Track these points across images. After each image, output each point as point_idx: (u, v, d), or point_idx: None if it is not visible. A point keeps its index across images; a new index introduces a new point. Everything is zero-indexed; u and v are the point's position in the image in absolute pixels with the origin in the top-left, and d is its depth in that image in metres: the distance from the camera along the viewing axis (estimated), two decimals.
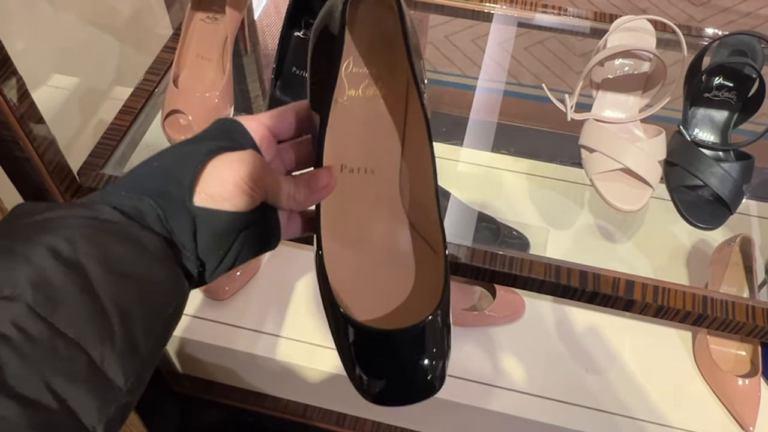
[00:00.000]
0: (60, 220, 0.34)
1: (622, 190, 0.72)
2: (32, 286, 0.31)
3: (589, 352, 0.99)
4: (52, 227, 0.34)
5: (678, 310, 0.65)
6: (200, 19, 0.80)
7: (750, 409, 0.90)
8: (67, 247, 0.33)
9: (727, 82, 0.76)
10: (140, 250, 0.35)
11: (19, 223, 0.35)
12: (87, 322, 0.31)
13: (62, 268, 0.32)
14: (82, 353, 0.31)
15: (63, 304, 0.31)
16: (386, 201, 0.46)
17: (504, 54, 1.17)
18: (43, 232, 0.33)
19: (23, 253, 0.32)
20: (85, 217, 0.35)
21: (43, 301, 0.30)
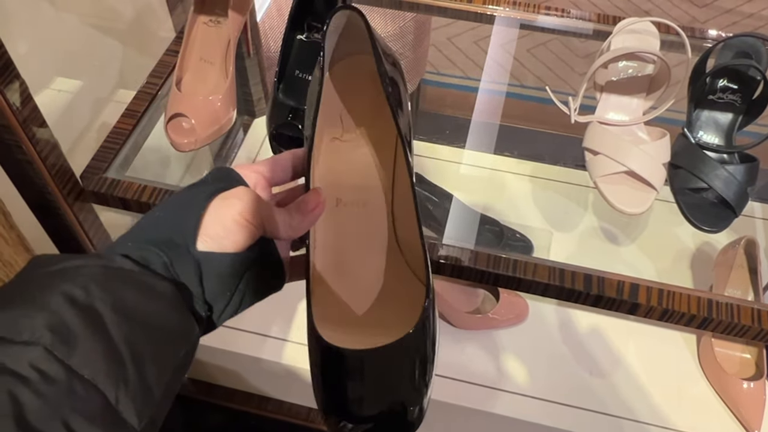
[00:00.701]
0: (75, 270, 0.36)
1: (626, 193, 0.72)
2: (50, 330, 0.32)
3: (593, 355, 0.99)
4: (67, 276, 0.35)
5: (683, 314, 0.65)
6: (203, 22, 0.80)
7: (755, 412, 0.89)
8: (81, 293, 0.34)
9: (732, 85, 0.76)
10: (152, 295, 0.37)
11: (37, 272, 0.36)
12: (102, 364, 0.32)
13: (78, 313, 0.33)
14: (98, 394, 0.32)
15: (79, 346, 0.32)
16: (378, 234, 0.48)
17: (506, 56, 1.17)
18: (59, 281, 0.35)
19: (41, 301, 0.33)
20: (98, 265, 0.37)
21: (60, 344, 0.32)
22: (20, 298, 0.34)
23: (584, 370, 0.98)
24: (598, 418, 0.94)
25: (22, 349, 0.31)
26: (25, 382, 0.30)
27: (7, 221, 0.59)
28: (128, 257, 0.38)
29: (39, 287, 0.34)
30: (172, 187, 0.71)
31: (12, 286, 0.36)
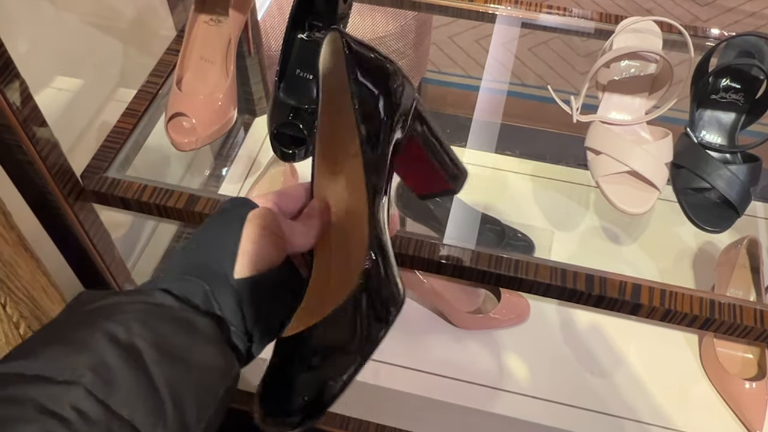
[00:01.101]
0: (116, 306, 0.37)
1: (628, 193, 0.71)
2: (90, 370, 0.32)
3: (594, 355, 0.99)
4: (108, 313, 0.36)
5: (685, 314, 0.64)
6: (204, 21, 0.80)
7: (757, 413, 0.89)
8: (123, 331, 0.35)
9: (735, 84, 0.75)
10: (192, 331, 0.37)
11: (80, 310, 0.37)
12: (141, 404, 0.33)
13: (119, 353, 0.34)
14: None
15: (119, 386, 0.33)
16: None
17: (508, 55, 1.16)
18: (101, 319, 0.35)
19: (82, 339, 0.34)
20: (139, 302, 0.37)
21: (100, 384, 0.32)
22: (63, 336, 0.34)
23: (586, 370, 0.97)
24: (599, 418, 0.94)
25: (63, 389, 0.31)
26: (65, 423, 0.30)
27: (8, 221, 0.59)
28: (168, 292, 0.39)
29: (81, 325, 0.35)
30: (172, 186, 0.71)
31: (56, 324, 0.37)
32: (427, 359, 0.99)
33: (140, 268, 1.07)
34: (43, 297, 0.61)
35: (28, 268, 0.60)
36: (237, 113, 0.80)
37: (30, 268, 0.60)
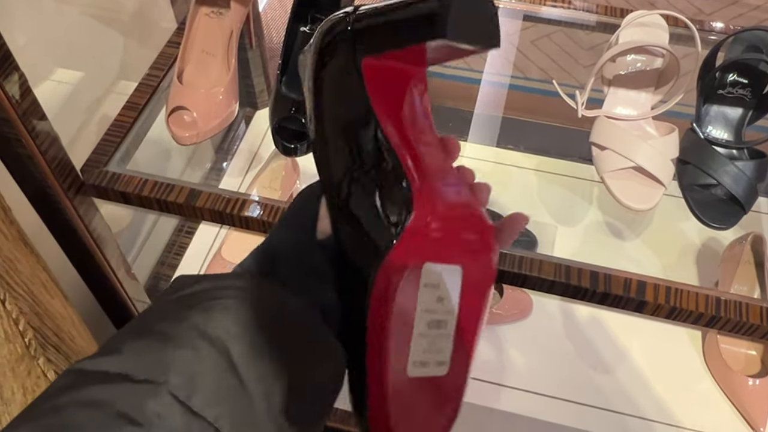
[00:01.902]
0: (207, 293, 0.35)
1: (633, 189, 0.71)
2: (174, 368, 0.31)
3: (597, 351, 0.98)
4: (197, 301, 0.35)
5: (690, 312, 0.64)
6: (205, 13, 0.79)
7: (761, 409, 0.88)
8: (210, 324, 0.33)
9: (742, 79, 0.75)
10: (283, 318, 0.36)
11: (171, 298, 0.36)
12: (228, 405, 0.31)
13: (205, 348, 0.32)
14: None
15: (204, 386, 0.31)
16: None
17: (510, 47, 1.15)
18: (189, 309, 0.34)
19: (169, 333, 0.33)
20: (231, 287, 0.36)
21: (184, 384, 0.31)
22: (151, 329, 0.33)
23: (588, 366, 0.97)
24: (601, 415, 0.93)
25: (144, 391, 0.30)
26: (143, 428, 0.29)
27: (7, 216, 0.58)
28: (264, 275, 0.38)
29: (170, 316, 0.34)
30: (173, 180, 0.70)
31: (148, 314, 0.36)
32: None
33: (141, 262, 1.06)
34: (42, 293, 0.60)
35: (27, 263, 0.59)
36: (238, 106, 0.79)
37: (30, 263, 0.60)
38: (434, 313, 0.38)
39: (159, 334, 0.33)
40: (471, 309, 0.40)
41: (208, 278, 0.37)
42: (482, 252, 0.42)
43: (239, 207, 0.67)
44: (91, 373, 0.31)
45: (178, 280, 0.37)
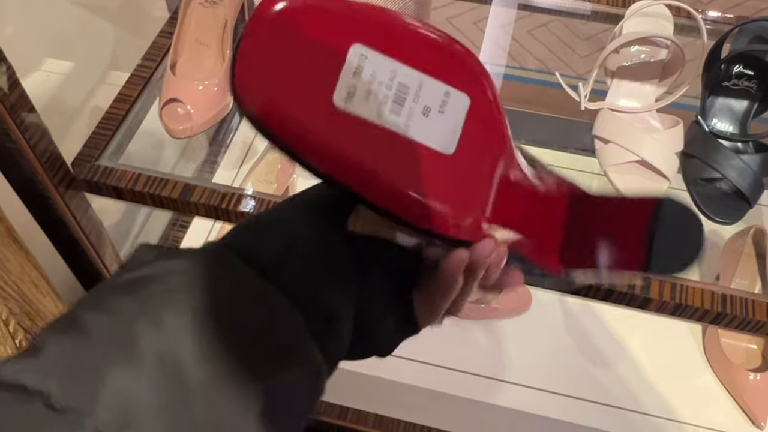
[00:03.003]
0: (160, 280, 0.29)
1: (637, 183, 0.70)
2: (103, 395, 0.25)
3: (597, 346, 0.97)
4: (149, 295, 0.29)
5: (696, 309, 0.63)
6: (198, 2, 0.77)
7: (761, 404, 0.88)
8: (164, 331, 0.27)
9: (747, 71, 0.73)
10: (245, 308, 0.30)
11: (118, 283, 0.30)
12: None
13: (152, 369, 0.26)
14: None
15: (137, 419, 0.25)
16: None
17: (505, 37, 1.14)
18: (133, 301, 0.28)
19: (102, 332, 0.27)
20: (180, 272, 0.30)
21: (113, 419, 0.25)
22: (85, 322, 0.27)
23: (588, 360, 0.96)
24: (601, 410, 0.92)
25: (62, 425, 0.24)
26: None
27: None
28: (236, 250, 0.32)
29: (110, 307, 0.28)
30: (166, 175, 0.68)
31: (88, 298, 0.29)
32: (427, 350, 0.97)
33: None
34: (33, 291, 0.59)
35: (17, 261, 0.58)
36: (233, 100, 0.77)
37: (19, 261, 0.58)
38: (385, 97, 0.32)
39: (92, 330, 0.27)
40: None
41: (166, 255, 0.31)
42: None
43: (234, 202, 0.66)
44: (8, 386, 0.25)
45: (140, 251, 0.32)
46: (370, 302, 0.35)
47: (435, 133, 0.32)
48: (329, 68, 0.31)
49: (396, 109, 0.32)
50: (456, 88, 0.33)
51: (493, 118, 0.34)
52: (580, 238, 0.37)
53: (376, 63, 0.31)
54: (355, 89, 0.31)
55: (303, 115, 0.30)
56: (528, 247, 0.37)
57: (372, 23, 0.32)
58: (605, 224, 0.37)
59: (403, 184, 0.32)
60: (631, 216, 0.37)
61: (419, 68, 0.32)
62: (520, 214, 0.36)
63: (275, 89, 0.30)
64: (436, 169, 0.32)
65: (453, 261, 0.33)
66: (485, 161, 0.34)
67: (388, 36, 0.32)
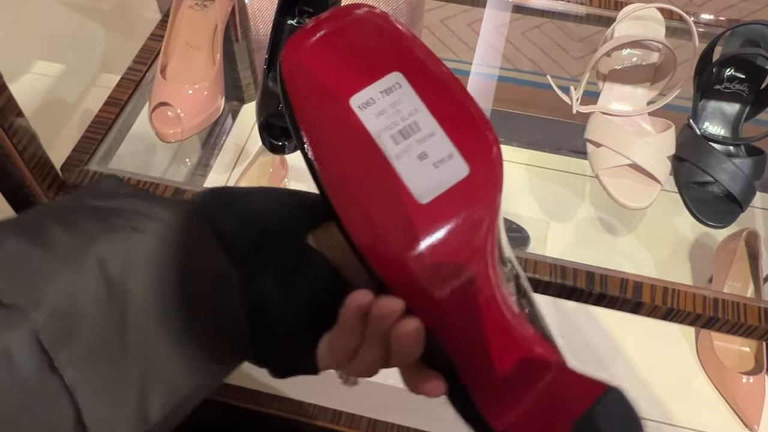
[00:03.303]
0: (125, 214, 0.30)
1: (629, 187, 0.70)
2: (51, 307, 0.26)
3: (590, 348, 0.97)
4: (117, 224, 0.29)
5: (688, 313, 0.63)
6: (188, 6, 0.77)
7: (754, 407, 0.88)
8: (117, 262, 0.28)
9: (739, 74, 0.73)
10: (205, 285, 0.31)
11: (85, 203, 0.30)
12: (95, 368, 0.26)
13: (99, 289, 0.27)
14: (71, 406, 0.26)
15: (76, 336, 0.26)
16: None
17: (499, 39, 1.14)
18: (104, 234, 0.29)
19: (67, 251, 0.27)
20: (159, 221, 0.30)
21: (52, 329, 0.26)
22: (45, 229, 0.28)
23: (581, 363, 0.96)
24: None
25: (6, 318, 0.25)
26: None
27: None
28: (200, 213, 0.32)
29: (73, 223, 0.28)
30: (157, 179, 0.68)
31: (52, 208, 0.30)
32: None
33: None
34: None
35: None
36: (225, 101, 0.77)
37: None
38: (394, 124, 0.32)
39: (53, 243, 0.27)
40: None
41: (137, 195, 0.32)
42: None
43: None
44: None
45: (107, 182, 0.33)
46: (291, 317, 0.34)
47: (418, 178, 0.32)
48: (364, 76, 0.33)
49: (397, 138, 0.32)
50: (463, 156, 0.32)
51: (483, 202, 0.33)
52: (516, 388, 0.34)
53: (405, 95, 0.33)
54: (374, 103, 0.32)
55: (319, 91, 0.32)
56: (463, 360, 0.33)
57: (423, 63, 0.33)
58: (546, 393, 0.34)
59: (363, 195, 0.32)
60: (573, 397, 0.34)
61: (440, 121, 0.33)
62: (468, 320, 0.33)
63: (315, 64, 0.32)
64: (401, 204, 0.31)
65: (351, 299, 0.31)
66: (450, 233, 0.32)
67: (431, 82, 0.33)
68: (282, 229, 0.34)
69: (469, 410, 0.35)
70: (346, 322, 0.32)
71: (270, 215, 0.34)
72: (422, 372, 0.34)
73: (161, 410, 0.29)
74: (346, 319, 0.32)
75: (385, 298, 0.31)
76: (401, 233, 0.31)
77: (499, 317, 0.33)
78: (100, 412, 0.26)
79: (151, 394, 0.28)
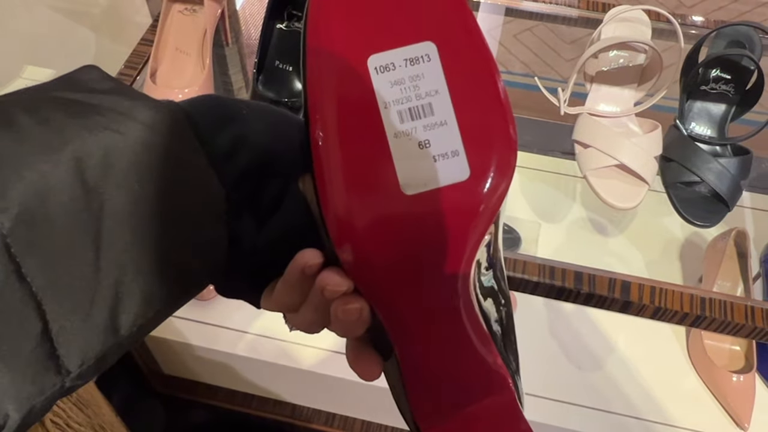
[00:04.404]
0: (114, 116, 0.27)
1: (617, 187, 0.70)
2: (21, 208, 0.23)
3: (581, 349, 0.98)
4: (97, 122, 0.26)
5: (675, 312, 0.63)
6: (178, 11, 0.77)
7: (744, 405, 0.88)
8: (95, 163, 0.25)
9: (725, 75, 0.74)
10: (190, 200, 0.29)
11: (66, 97, 0.28)
12: (67, 277, 0.24)
13: (74, 191, 0.25)
14: (37, 319, 0.24)
15: (44, 241, 0.24)
16: None
17: (492, 42, 1.14)
18: (82, 129, 0.26)
19: (42, 151, 0.25)
20: (143, 124, 0.28)
21: (20, 233, 0.23)
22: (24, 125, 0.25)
23: (573, 363, 0.96)
24: (586, 413, 0.93)
25: None
26: None
27: None
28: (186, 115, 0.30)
29: (56, 128, 0.25)
30: None
31: (29, 95, 0.27)
32: None
33: None
34: None
35: None
36: None
37: None
38: (407, 100, 0.29)
39: (20, 129, 0.25)
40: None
41: (120, 91, 0.29)
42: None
43: None
44: None
45: (87, 72, 0.30)
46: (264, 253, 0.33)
47: (411, 166, 0.28)
48: (393, 36, 0.29)
49: (404, 116, 0.29)
50: (468, 159, 0.29)
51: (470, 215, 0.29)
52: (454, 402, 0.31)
53: (431, 71, 0.29)
54: (393, 69, 0.28)
55: (339, 39, 0.28)
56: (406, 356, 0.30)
57: (467, 41, 0.29)
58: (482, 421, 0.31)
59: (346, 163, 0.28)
60: None
61: (458, 112, 0.29)
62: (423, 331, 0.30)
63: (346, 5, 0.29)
64: (382, 186, 0.28)
65: (299, 256, 0.30)
66: (424, 235, 0.29)
67: (466, 66, 0.29)
68: (276, 166, 0.32)
69: (403, 404, 0.32)
70: (290, 277, 0.31)
71: (268, 148, 0.32)
72: (363, 349, 0.32)
73: (132, 324, 0.27)
74: (290, 273, 0.30)
75: (332, 274, 0.29)
76: (370, 216, 0.28)
77: (457, 331, 0.30)
78: (67, 325, 0.25)
79: (122, 308, 0.26)
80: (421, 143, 0.29)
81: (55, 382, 0.25)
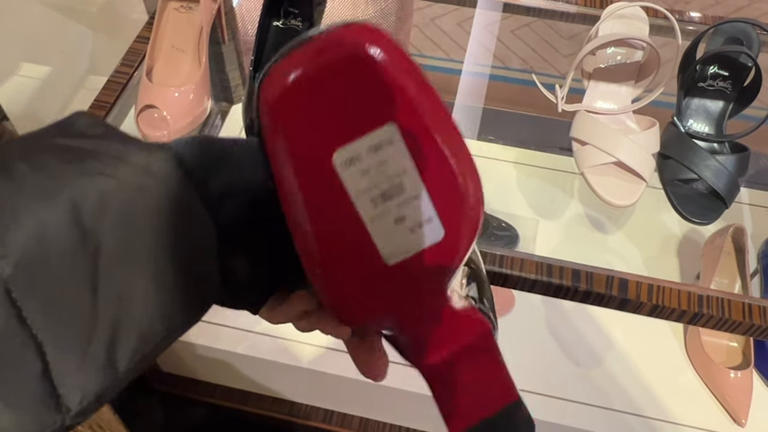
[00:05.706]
0: (108, 161, 0.28)
1: (614, 185, 0.70)
2: (21, 253, 0.24)
3: (579, 345, 0.98)
4: (91, 167, 0.27)
5: (673, 309, 0.63)
6: (174, 8, 0.77)
7: (742, 401, 0.89)
8: (90, 207, 0.26)
9: (722, 71, 0.74)
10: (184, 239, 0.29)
11: (55, 142, 0.28)
12: (66, 320, 0.25)
13: (71, 234, 0.25)
14: (37, 360, 0.25)
15: (43, 284, 0.25)
16: None
17: (490, 37, 1.14)
18: (79, 175, 0.26)
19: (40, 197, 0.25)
20: (136, 167, 0.28)
21: (21, 278, 0.24)
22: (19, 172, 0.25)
23: (571, 360, 0.96)
24: (584, 410, 0.93)
25: None
26: None
27: None
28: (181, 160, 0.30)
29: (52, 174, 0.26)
30: None
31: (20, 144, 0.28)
32: None
33: None
34: None
35: None
36: (214, 101, 0.77)
37: None
38: (377, 186, 0.29)
39: (17, 177, 0.25)
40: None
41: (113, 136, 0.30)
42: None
43: None
44: None
45: (80, 118, 0.30)
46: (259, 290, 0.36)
47: (389, 241, 0.30)
48: (354, 126, 0.28)
49: (377, 201, 0.29)
50: (441, 220, 0.30)
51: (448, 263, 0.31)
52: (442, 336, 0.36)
53: (396, 153, 0.29)
54: (359, 160, 0.29)
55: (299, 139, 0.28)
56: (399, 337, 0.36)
57: (425, 112, 0.29)
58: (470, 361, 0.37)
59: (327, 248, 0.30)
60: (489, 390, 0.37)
61: (427, 183, 0.29)
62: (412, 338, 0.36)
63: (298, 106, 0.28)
64: (365, 262, 0.30)
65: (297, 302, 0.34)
66: (407, 292, 0.32)
67: (429, 138, 0.29)
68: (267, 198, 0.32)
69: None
70: (290, 313, 0.34)
71: (258, 183, 0.32)
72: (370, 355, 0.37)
73: (130, 360, 0.28)
74: (290, 310, 0.34)
75: (334, 328, 0.34)
76: (359, 292, 0.31)
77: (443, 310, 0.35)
78: (66, 364, 0.25)
79: (120, 344, 0.27)
80: (397, 219, 0.30)
81: (56, 420, 0.26)
